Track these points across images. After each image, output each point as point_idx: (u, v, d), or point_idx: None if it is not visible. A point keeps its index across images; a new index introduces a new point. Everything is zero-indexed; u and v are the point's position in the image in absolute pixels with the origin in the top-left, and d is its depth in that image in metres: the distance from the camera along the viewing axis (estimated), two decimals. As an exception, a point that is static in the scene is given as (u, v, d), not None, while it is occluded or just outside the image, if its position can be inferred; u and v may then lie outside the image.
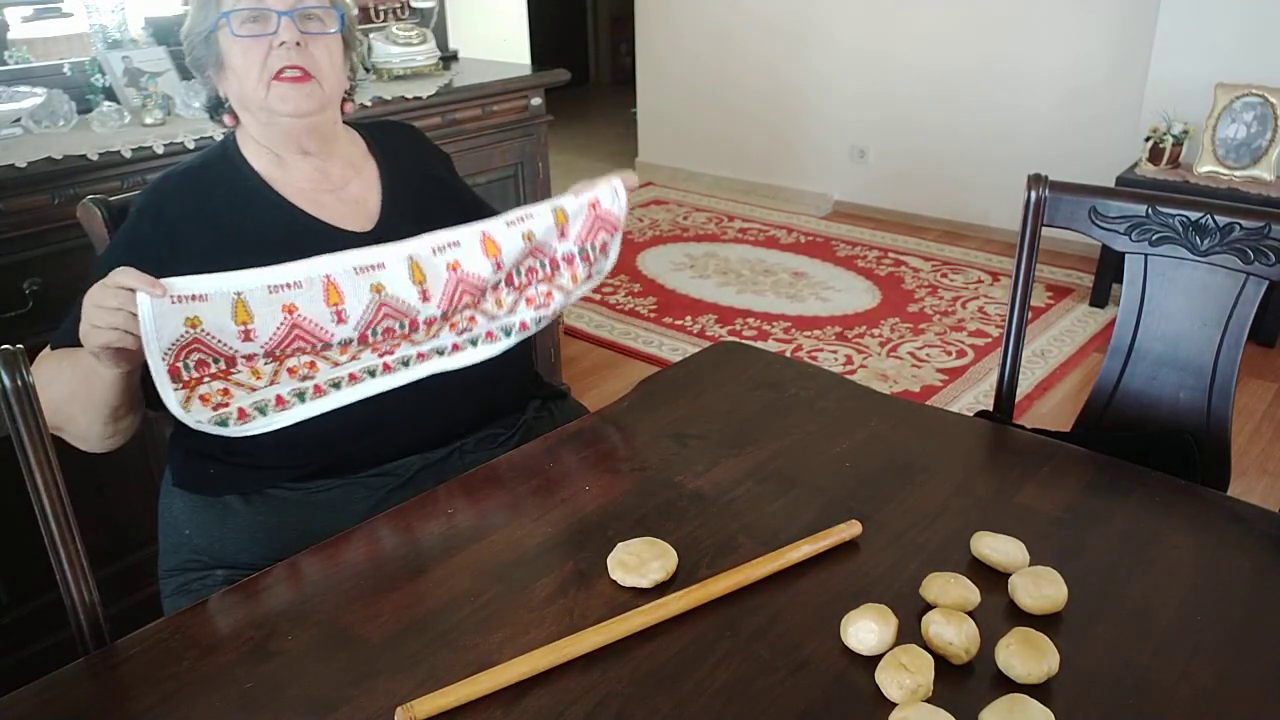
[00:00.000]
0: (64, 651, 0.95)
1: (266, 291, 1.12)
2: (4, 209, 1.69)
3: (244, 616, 0.96)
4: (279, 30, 1.22)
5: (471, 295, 1.27)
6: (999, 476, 1.21)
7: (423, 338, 1.25)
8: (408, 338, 1.24)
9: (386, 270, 1.19)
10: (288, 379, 1.17)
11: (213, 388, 1.12)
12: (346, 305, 1.17)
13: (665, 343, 3.45)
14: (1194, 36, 3.49)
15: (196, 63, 1.30)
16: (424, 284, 1.22)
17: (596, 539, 1.05)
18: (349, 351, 1.20)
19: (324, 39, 1.26)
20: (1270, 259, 1.29)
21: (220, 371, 1.12)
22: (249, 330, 1.11)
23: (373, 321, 1.19)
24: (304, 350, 1.17)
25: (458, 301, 1.25)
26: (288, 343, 1.15)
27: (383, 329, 1.20)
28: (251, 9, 1.22)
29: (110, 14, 2.19)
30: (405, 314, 1.21)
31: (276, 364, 1.16)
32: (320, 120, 1.28)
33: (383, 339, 1.21)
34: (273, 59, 1.22)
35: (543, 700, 0.84)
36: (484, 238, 1.27)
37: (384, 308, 1.19)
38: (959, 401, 2.98)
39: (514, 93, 2.56)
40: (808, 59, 4.76)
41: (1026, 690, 0.83)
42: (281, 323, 1.13)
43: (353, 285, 1.17)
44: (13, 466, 0.94)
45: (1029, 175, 1.43)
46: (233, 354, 1.12)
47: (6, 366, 0.92)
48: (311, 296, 1.15)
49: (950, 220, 4.52)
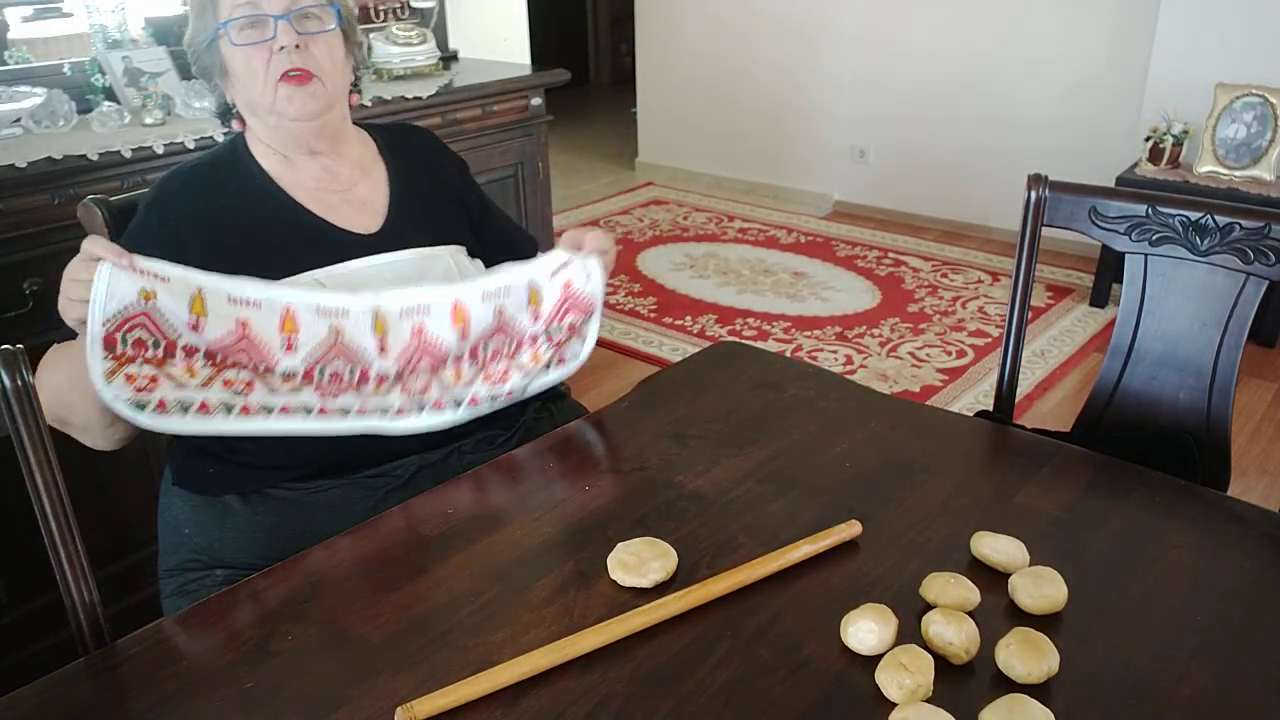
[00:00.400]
0: (64, 651, 0.95)
1: (226, 300, 1.12)
2: (4, 209, 1.69)
3: (244, 616, 0.96)
4: (277, 35, 1.22)
5: (430, 361, 1.23)
6: (999, 476, 1.21)
7: (370, 392, 1.21)
8: (355, 387, 1.20)
9: (350, 317, 1.17)
10: (221, 389, 1.14)
11: (142, 370, 1.09)
12: (300, 336, 1.15)
13: (665, 343, 3.45)
14: (1194, 36, 3.49)
15: (203, 71, 1.30)
16: (384, 337, 1.19)
17: (596, 539, 1.05)
18: (291, 383, 1.17)
19: (323, 37, 1.26)
20: (1270, 259, 1.29)
21: (155, 359, 1.10)
22: (199, 323, 1.10)
23: (322, 359, 1.16)
24: (244, 365, 1.14)
25: (415, 364, 1.22)
26: (233, 350, 1.13)
27: (330, 371, 1.17)
28: (247, 16, 1.22)
29: (110, 14, 2.19)
30: (357, 361, 1.18)
31: (214, 370, 1.13)
32: (328, 119, 1.28)
33: (329, 382, 1.18)
34: (274, 63, 1.23)
35: (543, 700, 0.84)
36: (455, 306, 1.22)
37: (337, 348, 1.17)
38: (959, 401, 2.97)
39: (514, 93, 2.57)
40: (808, 58, 4.76)
41: (1026, 690, 0.83)
42: (230, 331, 1.12)
43: (310, 321, 1.15)
44: (13, 466, 0.94)
45: (1029, 175, 1.43)
46: (175, 340, 1.10)
47: (6, 366, 0.92)
48: (267, 319, 1.13)
49: (950, 220, 4.52)
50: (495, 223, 1.50)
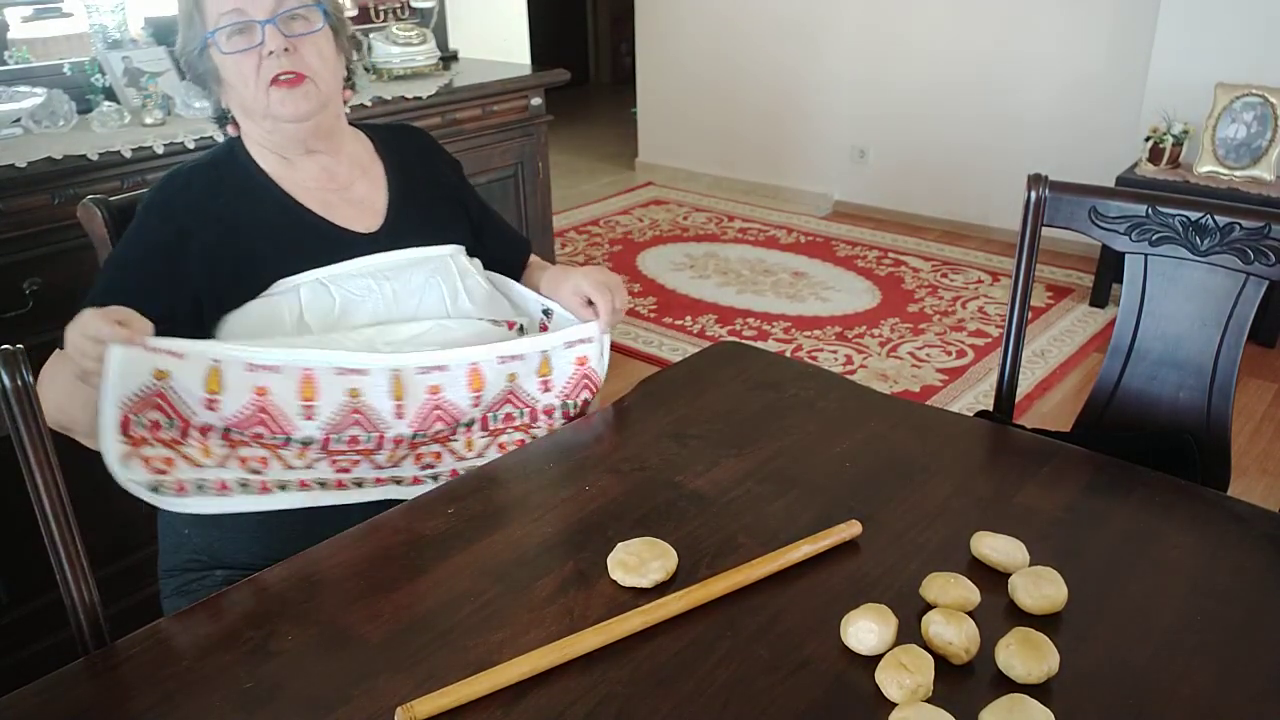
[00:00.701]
0: (64, 651, 0.95)
1: (244, 368, 1.10)
2: (4, 209, 1.69)
3: (244, 616, 0.96)
4: (265, 40, 1.21)
5: (445, 424, 1.23)
6: (999, 476, 1.21)
7: (385, 460, 1.22)
8: (370, 454, 1.20)
9: (368, 377, 1.16)
10: (237, 466, 1.14)
11: (157, 452, 1.08)
12: (319, 402, 1.14)
13: (665, 343, 3.45)
14: (1194, 36, 3.49)
15: (197, 79, 1.30)
16: (401, 401, 1.19)
17: (596, 539, 1.05)
18: (306, 456, 1.17)
19: (311, 38, 1.25)
20: (1270, 259, 1.29)
21: (171, 440, 1.09)
22: (215, 400, 1.09)
23: (340, 425, 1.16)
24: (262, 439, 1.14)
25: (429, 424, 1.22)
26: (250, 423, 1.12)
27: (348, 436, 1.17)
28: (234, 24, 1.21)
29: (110, 14, 2.19)
30: (375, 427, 1.18)
31: (229, 449, 1.13)
32: (322, 118, 1.28)
33: (346, 448, 1.18)
34: (264, 68, 1.22)
35: (543, 700, 0.84)
36: (471, 370, 1.23)
37: (355, 414, 1.17)
38: (959, 401, 2.97)
39: (514, 93, 2.57)
40: (808, 58, 4.76)
41: (1026, 690, 0.83)
42: (249, 403, 1.11)
43: (329, 384, 1.14)
44: (13, 466, 0.94)
45: (1029, 175, 1.43)
46: (190, 419, 1.09)
47: (6, 366, 0.92)
48: (286, 384, 1.12)
49: (950, 220, 4.52)
50: (492, 223, 1.50)
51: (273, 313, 1.22)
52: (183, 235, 1.22)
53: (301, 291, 1.23)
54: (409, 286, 1.28)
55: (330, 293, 1.24)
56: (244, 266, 1.22)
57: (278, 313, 1.22)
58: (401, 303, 1.27)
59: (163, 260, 1.21)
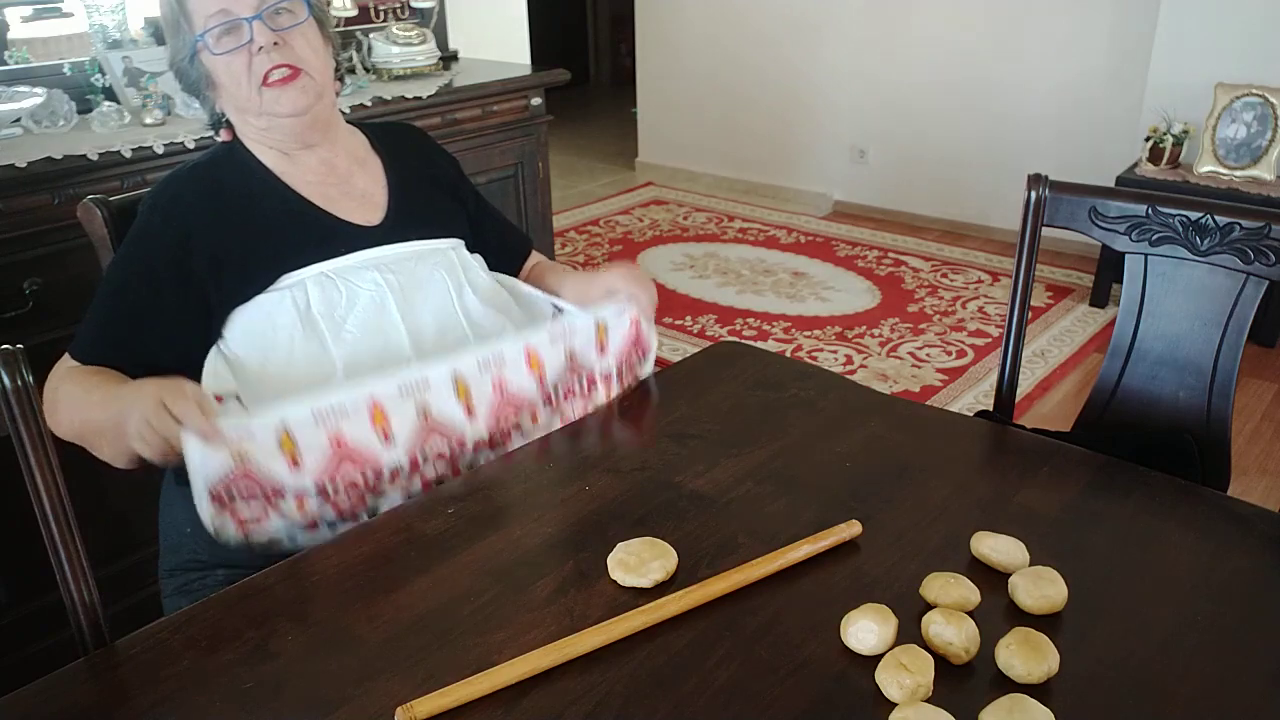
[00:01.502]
0: (64, 651, 0.95)
1: (312, 421, 1.09)
2: (4, 209, 1.69)
3: (244, 616, 0.96)
4: (254, 37, 1.22)
5: (515, 413, 1.25)
6: (999, 476, 1.21)
7: (468, 465, 1.22)
8: (455, 460, 1.22)
9: (432, 389, 1.17)
10: (331, 514, 1.14)
11: (251, 509, 1.08)
12: (393, 425, 1.14)
13: (665, 343, 3.45)
14: (1194, 37, 3.49)
15: (190, 87, 1.30)
16: (469, 400, 1.20)
17: (596, 539, 1.05)
18: (399, 481, 1.17)
19: (298, 30, 1.25)
20: (1270, 259, 1.29)
21: (267, 498, 1.09)
22: (296, 458, 1.09)
23: (421, 443, 1.17)
24: (355, 482, 1.14)
25: (503, 421, 1.24)
26: (336, 470, 1.12)
27: (434, 452, 1.19)
28: (222, 24, 1.21)
29: (110, 14, 2.19)
30: (452, 433, 1.20)
31: (326, 501, 1.13)
32: (319, 109, 1.29)
33: (435, 461, 1.19)
34: (256, 65, 1.22)
35: (543, 700, 0.84)
36: (528, 352, 1.24)
37: (431, 428, 1.18)
38: (959, 401, 2.97)
39: (514, 93, 2.56)
40: (808, 59, 4.76)
41: (1026, 690, 0.83)
42: (329, 455, 1.11)
43: (398, 407, 1.14)
44: (13, 466, 0.94)
45: (1029, 175, 1.43)
46: (280, 486, 1.09)
47: (6, 366, 0.92)
48: (358, 422, 1.12)
49: (950, 220, 4.52)
50: (490, 219, 1.51)
51: (278, 307, 1.22)
52: (186, 234, 1.22)
53: (308, 285, 1.24)
54: (414, 280, 1.29)
55: (337, 286, 1.25)
56: (249, 262, 1.23)
57: (284, 307, 1.22)
58: (409, 296, 1.28)
59: (167, 261, 1.21)
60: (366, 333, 1.24)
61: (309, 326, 1.22)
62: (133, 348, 1.20)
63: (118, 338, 1.20)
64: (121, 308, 1.21)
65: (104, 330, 1.21)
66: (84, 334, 1.21)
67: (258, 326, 1.22)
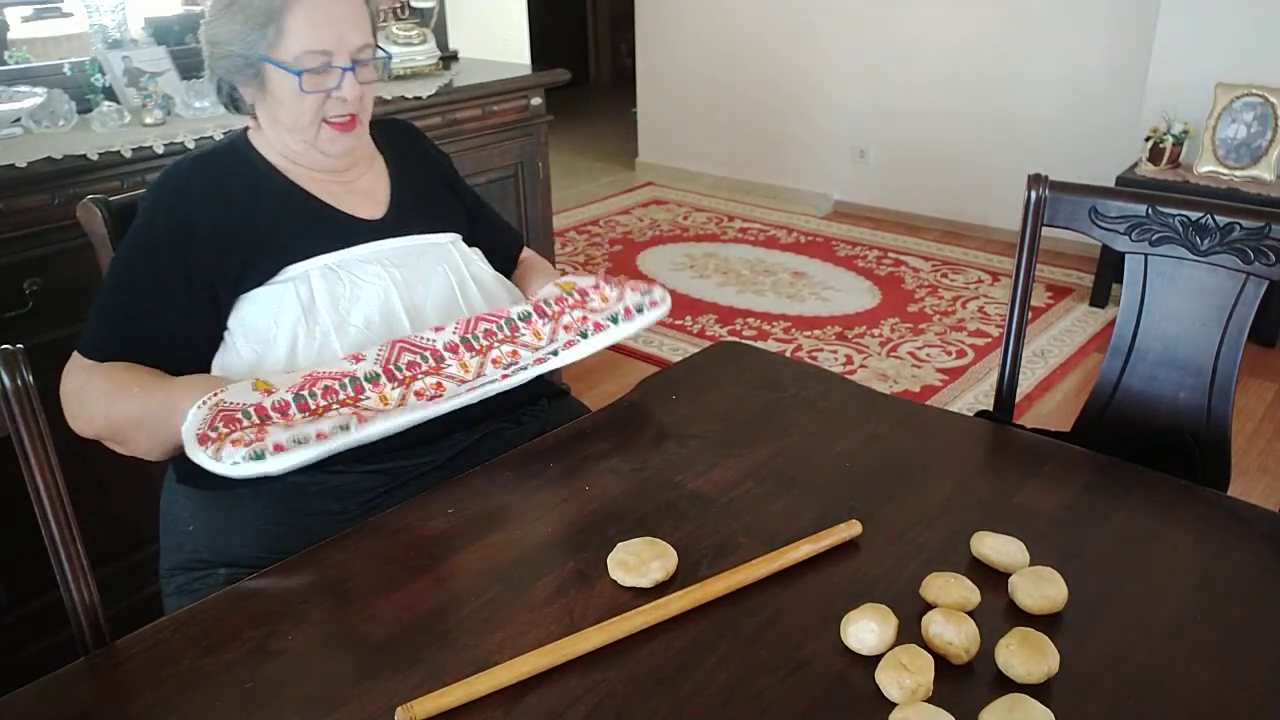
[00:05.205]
0: (64, 651, 0.95)
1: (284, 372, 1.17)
2: (4, 209, 1.69)
3: (244, 616, 0.96)
4: (342, 86, 1.25)
5: (489, 323, 1.26)
6: (999, 476, 1.21)
7: (459, 372, 1.23)
8: (437, 371, 1.22)
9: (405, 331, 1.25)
10: (329, 416, 1.14)
11: (244, 434, 1.09)
12: (364, 353, 1.19)
13: (665, 343, 3.45)
14: (1194, 36, 3.49)
15: (227, 71, 1.29)
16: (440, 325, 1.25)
17: (596, 539, 1.05)
18: (379, 389, 1.18)
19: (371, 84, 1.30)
20: (1270, 259, 1.29)
21: (254, 424, 1.10)
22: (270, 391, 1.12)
23: (391, 358, 1.19)
24: (331, 389, 1.15)
25: (474, 329, 1.25)
26: (312, 385, 1.14)
27: (405, 363, 1.20)
28: (317, 68, 1.23)
29: (110, 14, 2.19)
30: (423, 347, 1.21)
31: (312, 411, 1.14)
32: (360, 148, 1.34)
33: (408, 370, 1.21)
34: (328, 106, 1.26)
35: (543, 700, 0.84)
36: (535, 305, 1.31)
37: (399, 344, 1.20)
38: (959, 401, 2.97)
39: (514, 93, 2.56)
40: (808, 59, 4.76)
41: (1026, 690, 0.83)
42: (299, 383, 1.14)
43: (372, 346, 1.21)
44: (13, 466, 0.94)
45: (1029, 175, 1.43)
46: (260, 405, 1.11)
47: (6, 366, 0.92)
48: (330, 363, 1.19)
49: (950, 220, 4.52)
50: (485, 213, 1.54)
51: (283, 298, 1.23)
52: (190, 225, 1.23)
53: (312, 277, 1.24)
54: (417, 273, 1.31)
55: (341, 278, 1.26)
56: (253, 252, 1.24)
57: (288, 299, 1.23)
58: (412, 289, 1.30)
59: (172, 252, 1.22)
60: (370, 325, 1.25)
61: (312, 318, 1.23)
62: (144, 341, 1.21)
63: (128, 332, 1.21)
64: (129, 301, 1.22)
65: (114, 325, 1.22)
66: (93, 330, 1.21)
67: (262, 318, 1.23)
